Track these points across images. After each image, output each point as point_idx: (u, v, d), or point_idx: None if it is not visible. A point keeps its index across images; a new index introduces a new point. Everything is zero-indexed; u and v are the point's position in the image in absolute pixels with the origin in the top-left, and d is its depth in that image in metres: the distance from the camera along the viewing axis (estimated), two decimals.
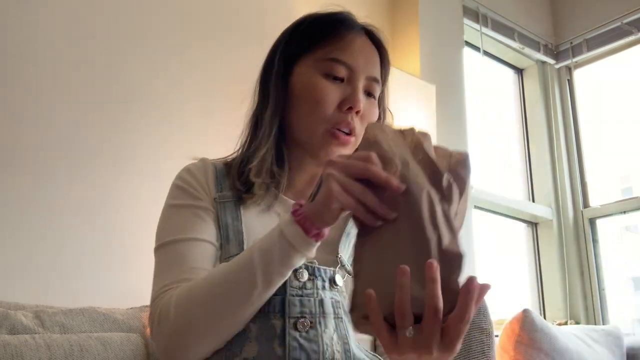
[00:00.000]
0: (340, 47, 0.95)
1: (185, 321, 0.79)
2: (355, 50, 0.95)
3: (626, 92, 3.24)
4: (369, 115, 0.97)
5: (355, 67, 0.95)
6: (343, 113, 0.93)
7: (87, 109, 1.70)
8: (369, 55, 0.98)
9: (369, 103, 0.97)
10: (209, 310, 0.79)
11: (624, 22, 3.03)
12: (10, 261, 1.50)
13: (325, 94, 0.93)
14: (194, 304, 0.80)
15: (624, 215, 3.01)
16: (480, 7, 2.95)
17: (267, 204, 0.97)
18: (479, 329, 1.25)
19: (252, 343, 0.81)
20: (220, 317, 0.79)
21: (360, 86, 0.95)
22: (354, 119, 0.94)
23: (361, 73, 0.95)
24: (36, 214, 1.56)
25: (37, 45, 1.66)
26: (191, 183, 0.97)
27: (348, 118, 0.93)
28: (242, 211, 0.95)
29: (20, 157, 1.57)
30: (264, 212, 0.96)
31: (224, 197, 0.95)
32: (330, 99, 0.93)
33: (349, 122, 0.93)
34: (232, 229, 0.92)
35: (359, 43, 0.97)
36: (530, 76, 3.36)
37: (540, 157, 3.20)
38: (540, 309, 2.98)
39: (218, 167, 1.00)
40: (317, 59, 0.95)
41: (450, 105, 2.60)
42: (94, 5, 1.79)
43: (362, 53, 0.96)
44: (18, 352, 1.12)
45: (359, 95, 0.94)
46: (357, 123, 0.94)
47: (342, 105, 0.93)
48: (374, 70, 0.98)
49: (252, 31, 2.09)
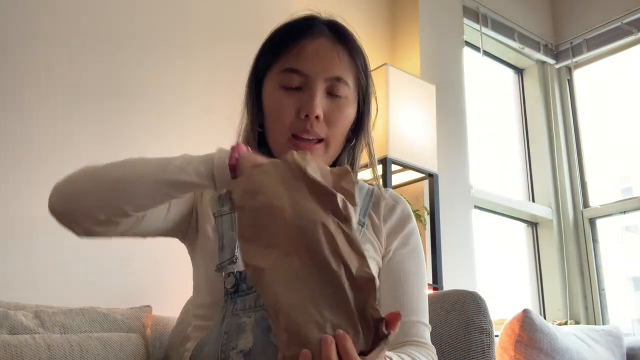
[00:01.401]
0: (293, 55, 0.95)
1: (84, 183, 0.84)
2: (308, 56, 0.95)
3: (626, 92, 3.23)
4: (336, 117, 0.96)
5: (308, 72, 0.94)
6: (302, 120, 0.94)
7: (88, 109, 1.70)
8: (326, 57, 0.96)
9: (334, 104, 0.96)
10: (112, 183, 0.83)
11: (624, 22, 3.03)
12: (10, 261, 1.50)
13: (282, 105, 0.95)
14: (98, 177, 0.84)
15: (624, 215, 3.01)
16: (480, 7, 2.95)
17: None
18: (479, 329, 1.25)
19: (248, 335, 0.83)
20: (122, 192, 0.82)
21: (318, 91, 0.94)
22: (316, 125, 0.94)
23: (317, 77, 0.94)
24: (36, 213, 1.56)
25: (37, 45, 1.66)
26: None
27: (307, 125, 0.93)
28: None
29: (20, 156, 1.57)
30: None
31: (222, 212, 0.98)
32: (287, 109, 0.94)
33: (307, 130, 0.93)
34: (227, 238, 0.95)
35: (313, 47, 0.96)
36: (530, 76, 3.36)
37: (540, 157, 3.20)
38: (540, 309, 2.98)
39: None
40: (277, 72, 0.97)
41: (450, 105, 2.60)
42: (94, 5, 1.79)
43: (316, 57, 0.95)
44: (18, 352, 1.12)
45: (314, 102, 0.93)
46: (322, 128, 0.94)
47: (300, 113, 0.94)
48: (335, 70, 0.96)
49: (253, 32, 2.09)
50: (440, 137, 2.32)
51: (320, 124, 0.94)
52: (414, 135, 2.12)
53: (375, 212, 1.03)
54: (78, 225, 0.84)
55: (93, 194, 0.83)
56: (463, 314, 1.27)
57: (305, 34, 0.97)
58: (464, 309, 1.27)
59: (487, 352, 1.23)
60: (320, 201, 0.70)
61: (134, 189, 0.82)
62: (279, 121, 0.96)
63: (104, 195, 0.82)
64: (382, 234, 1.01)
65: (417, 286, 0.99)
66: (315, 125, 0.94)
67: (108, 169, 0.84)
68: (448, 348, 1.26)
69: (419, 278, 1.01)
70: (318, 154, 0.95)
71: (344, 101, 0.97)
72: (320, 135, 0.94)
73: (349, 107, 0.98)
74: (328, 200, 0.70)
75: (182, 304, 1.52)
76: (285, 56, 0.96)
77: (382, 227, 1.02)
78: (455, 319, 1.26)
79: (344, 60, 0.98)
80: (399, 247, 1.02)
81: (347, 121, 0.98)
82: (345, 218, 0.69)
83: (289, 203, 0.70)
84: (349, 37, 1.01)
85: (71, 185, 0.85)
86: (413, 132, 2.12)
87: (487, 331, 1.24)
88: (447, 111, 2.55)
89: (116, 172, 0.83)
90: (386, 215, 1.03)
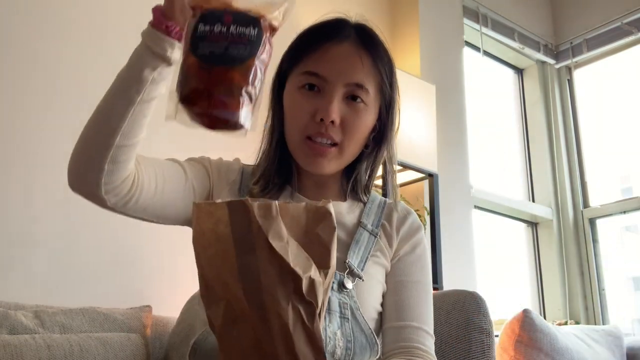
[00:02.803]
0: (315, 58, 0.96)
1: (79, 139, 0.83)
2: (329, 60, 0.95)
3: (626, 92, 3.24)
4: (353, 123, 0.95)
5: (328, 76, 0.94)
6: (317, 124, 0.93)
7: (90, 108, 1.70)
8: (348, 61, 0.96)
9: (352, 110, 0.95)
10: (91, 121, 0.82)
11: (624, 22, 3.03)
12: (10, 261, 1.50)
13: (299, 106, 0.95)
14: (85, 126, 0.83)
15: (624, 215, 3.01)
16: (480, 7, 2.95)
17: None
18: (479, 329, 1.25)
19: None
20: (99, 123, 0.81)
21: (336, 95, 0.94)
22: (331, 129, 0.94)
23: (337, 81, 0.94)
24: (37, 214, 1.56)
25: (36, 44, 1.66)
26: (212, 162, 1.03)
27: (322, 129, 0.93)
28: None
29: (20, 156, 1.57)
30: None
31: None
32: (304, 110, 0.95)
33: (322, 133, 0.93)
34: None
35: (335, 51, 0.96)
36: (530, 76, 3.36)
37: (540, 157, 3.20)
38: (540, 309, 2.98)
39: (246, 171, 1.05)
40: (298, 74, 0.97)
41: (450, 105, 2.60)
42: (94, 4, 1.79)
43: (337, 61, 0.95)
44: (18, 352, 1.12)
45: (331, 106, 0.93)
46: (337, 132, 0.94)
47: (316, 116, 0.93)
48: (355, 76, 0.95)
49: None
50: (440, 137, 2.32)
51: (335, 128, 0.94)
52: (414, 135, 2.12)
53: (388, 222, 1.05)
54: (93, 185, 0.82)
55: (84, 142, 0.82)
56: (463, 314, 1.27)
57: (330, 38, 0.97)
58: (464, 309, 1.28)
59: (487, 352, 1.23)
60: (282, 279, 0.60)
61: (107, 112, 0.80)
62: (294, 122, 0.96)
63: (93, 137, 0.81)
64: (395, 241, 1.03)
65: (421, 294, 1.00)
66: (330, 129, 0.93)
67: (90, 118, 0.84)
68: (448, 348, 1.26)
69: (424, 286, 1.02)
70: (331, 157, 0.95)
71: (362, 107, 0.96)
72: (335, 140, 0.94)
73: (367, 114, 0.97)
74: (291, 279, 0.60)
75: (182, 304, 1.52)
76: (308, 59, 0.96)
77: (394, 235, 1.04)
78: (455, 319, 1.26)
79: (367, 65, 0.96)
80: (405, 254, 1.03)
81: (364, 128, 0.98)
82: (308, 303, 0.61)
83: (239, 275, 0.60)
84: (375, 43, 1.00)
85: (73, 151, 0.84)
86: (413, 132, 2.12)
87: (487, 331, 1.25)
88: (447, 111, 2.55)
89: (93, 113, 0.83)
90: (398, 226, 1.05)
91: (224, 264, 0.61)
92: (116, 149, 0.80)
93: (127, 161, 0.82)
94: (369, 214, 1.05)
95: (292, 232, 0.63)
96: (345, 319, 0.90)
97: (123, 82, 0.79)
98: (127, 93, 0.78)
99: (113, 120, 0.79)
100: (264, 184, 1.00)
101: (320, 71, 0.94)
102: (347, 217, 1.03)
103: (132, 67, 0.78)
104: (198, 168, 0.99)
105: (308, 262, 0.63)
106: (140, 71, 0.77)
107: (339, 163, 0.98)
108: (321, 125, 0.93)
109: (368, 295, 0.96)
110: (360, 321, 0.92)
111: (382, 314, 0.99)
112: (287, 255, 0.61)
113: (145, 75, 0.77)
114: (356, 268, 0.96)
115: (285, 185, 1.03)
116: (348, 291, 0.92)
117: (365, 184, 1.06)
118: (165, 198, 0.91)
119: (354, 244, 0.99)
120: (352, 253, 0.97)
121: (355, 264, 0.96)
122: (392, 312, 0.98)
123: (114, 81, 0.81)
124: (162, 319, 1.51)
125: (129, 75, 0.79)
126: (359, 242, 1.00)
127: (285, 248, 0.61)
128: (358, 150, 1.00)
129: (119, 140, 0.79)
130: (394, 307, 0.98)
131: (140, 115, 0.80)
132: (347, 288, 0.92)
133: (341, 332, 0.88)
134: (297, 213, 0.65)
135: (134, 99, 0.78)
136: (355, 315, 0.92)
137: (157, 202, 0.90)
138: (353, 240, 0.99)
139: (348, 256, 0.96)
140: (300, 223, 0.65)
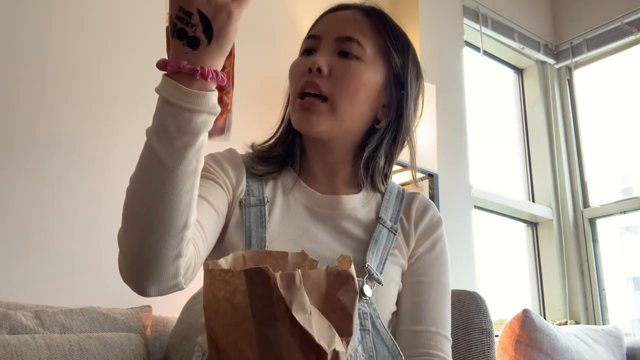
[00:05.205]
0: (314, 25, 0.98)
1: (123, 227, 0.74)
2: (324, 22, 0.97)
3: (626, 92, 3.23)
4: (342, 74, 0.90)
5: (320, 34, 0.94)
6: (307, 76, 0.90)
7: (91, 109, 1.70)
8: (341, 19, 0.94)
9: (342, 63, 0.90)
10: (133, 205, 0.71)
11: (624, 22, 3.03)
12: (10, 261, 1.50)
13: (295, 69, 0.94)
14: (125, 209, 0.73)
15: (624, 215, 3.01)
16: (480, 7, 2.95)
17: (287, 186, 0.95)
18: (479, 329, 1.25)
19: None
20: (144, 207, 0.70)
21: (326, 47, 0.92)
22: (319, 79, 0.89)
23: (328, 37, 0.93)
24: (37, 214, 1.56)
25: (36, 44, 1.66)
26: (211, 164, 0.92)
27: (309, 79, 0.89)
28: (267, 217, 0.90)
29: (20, 157, 1.57)
30: (287, 210, 0.93)
31: (249, 201, 0.91)
32: (299, 71, 0.93)
33: (309, 82, 0.89)
34: (255, 236, 0.88)
35: (332, 15, 0.97)
36: (530, 76, 3.36)
37: (540, 157, 3.20)
38: (540, 309, 2.98)
39: (246, 160, 0.98)
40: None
41: (450, 105, 2.60)
42: (95, 5, 1.79)
43: (331, 20, 0.96)
44: (18, 352, 1.12)
45: (318, 55, 0.91)
46: (325, 83, 0.89)
47: (306, 70, 0.91)
48: (346, 30, 0.92)
49: (254, 33, 2.09)
50: (440, 137, 2.32)
51: (324, 79, 0.89)
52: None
53: (406, 216, 0.98)
54: (155, 274, 0.74)
55: (137, 233, 0.72)
56: (463, 314, 1.27)
57: (333, 10, 0.98)
58: (464, 309, 1.27)
59: (487, 352, 1.23)
60: (305, 353, 0.57)
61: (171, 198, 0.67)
62: (292, 86, 0.94)
63: (144, 225, 0.71)
64: (412, 239, 0.96)
65: (440, 295, 0.95)
66: (318, 78, 0.89)
67: (128, 204, 0.73)
68: None
69: (443, 287, 0.96)
70: (320, 112, 0.88)
71: (354, 61, 0.91)
72: (323, 90, 0.89)
73: (362, 69, 0.91)
74: (314, 352, 0.57)
75: (182, 304, 1.52)
76: (310, 31, 0.98)
77: (411, 232, 0.97)
78: (455, 319, 1.26)
79: (359, 22, 0.93)
80: (424, 251, 0.96)
81: (358, 83, 0.90)
82: None
83: (258, 347, 0.57)
84: (379, 13, 0.98)
85: (120, 244, 0.75)
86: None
87: (487, 331, 1.24)
88: (447, 111, 2.55)
89: (138, 199, 0.71)
90: (417, 221, 0.98)
91: (241, 333, 0.58)
92: (179, 225, 0.72)
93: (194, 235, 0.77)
94: (387, 207, 0.97)
95: (313, 298, 0.60)
96: (365, 331, 0.83)
97: (159, 155, 0.67)
98: (168, 161, 0.68)
99: (170, 198, 0.70)
100: (270, 167, 0.95)
101: (315, 32, 0.96)
102: (363, 211, 0.95)
103: (173, 130, 0.68)
104: (213, 189, 0.88)
105: (331, 332, 0.60)
106: (189, 128, 0.68)
107: (333, 124, 0.89)
108: (310, 76, 0.90)
109: (387, 299, 0.90)
110: (381, 331, 0.85)
111: (396, 313, 0.94)
112: (312, 328, 0.57)
113: (194, 131, 0.70)
114: (375, 272, 0.88)
115: (289, 169, 0.97)
116: (367, 299, 0.85)
117: (384, 170, 0.97)
118: (211, 243, 0.85)
119: (372, 243, 0.91)
120: (370, 254, 0.89)
121: (374, 267, 0.89)
122: (409, 315, 0.92)
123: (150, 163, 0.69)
124: (162, 319, 1.51)
125: (174, 139, 0.67)
126: (378, 242, 0.92)
127: (309, 320, 0.57)
128: (358, 113, 0.92)
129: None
130: (411, 309, 0.92)
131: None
132: (367, 296, 0.85)
133: (362, 347, 0.82)
134: (318, 278, 0.61)
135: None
136: (376, 325, 0.85)
137: (208, 250, 0.85)
138: (372, 240, 0.91)
139: (367, 258, 0.88)
140: (321, 288, 0.61)
